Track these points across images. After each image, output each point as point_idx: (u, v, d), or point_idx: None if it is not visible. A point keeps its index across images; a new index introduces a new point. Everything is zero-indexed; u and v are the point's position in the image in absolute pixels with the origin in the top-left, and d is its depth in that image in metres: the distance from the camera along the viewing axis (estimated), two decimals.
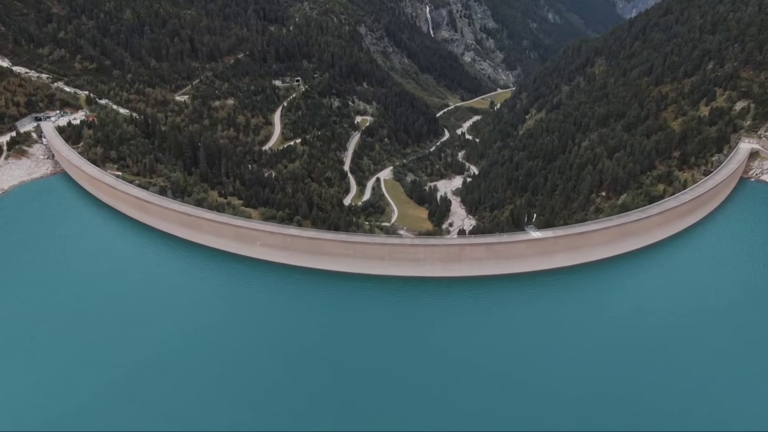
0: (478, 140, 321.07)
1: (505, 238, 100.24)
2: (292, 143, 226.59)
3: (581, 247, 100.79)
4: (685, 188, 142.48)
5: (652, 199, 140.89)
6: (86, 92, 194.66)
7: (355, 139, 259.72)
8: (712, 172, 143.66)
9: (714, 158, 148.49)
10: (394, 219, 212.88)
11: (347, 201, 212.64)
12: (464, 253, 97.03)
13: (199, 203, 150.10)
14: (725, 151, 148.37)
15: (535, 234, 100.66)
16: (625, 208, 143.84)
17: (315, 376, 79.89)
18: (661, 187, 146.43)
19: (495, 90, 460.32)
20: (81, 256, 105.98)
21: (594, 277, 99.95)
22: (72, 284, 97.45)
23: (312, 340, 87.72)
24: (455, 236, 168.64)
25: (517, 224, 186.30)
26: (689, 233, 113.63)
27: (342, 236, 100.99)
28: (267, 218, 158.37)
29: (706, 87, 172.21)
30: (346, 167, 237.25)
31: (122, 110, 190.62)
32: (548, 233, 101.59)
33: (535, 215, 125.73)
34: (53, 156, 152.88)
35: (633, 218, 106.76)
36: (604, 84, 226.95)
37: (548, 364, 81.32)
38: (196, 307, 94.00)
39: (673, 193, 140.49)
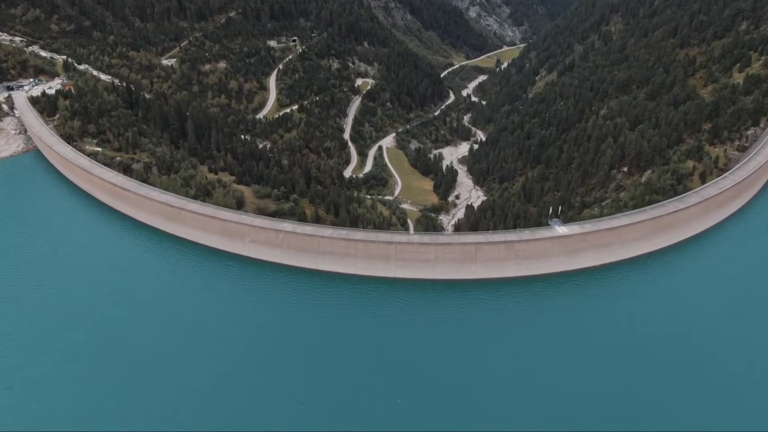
0: (484, 103, 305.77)
1: (527, 234, 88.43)
2: (288, 110, 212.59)
3: (611, 243, 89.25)
4: (716, 165, 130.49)
5: (680, 177, 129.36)
6: (64, 57, 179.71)
7: (356, 104, 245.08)
8: (747, 147, 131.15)
9: (749, 132, 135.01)
10: (397, 192, 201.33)
11: (348, 173, 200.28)
12: (481, 252, 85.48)
13: (186, 181, 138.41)
14: (762, 125, 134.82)
15: (561, 230, 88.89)
16: (650, 186, 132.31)
17: (311, 389, 70.32)
18: (690, 163, 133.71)
19: (501, 47, 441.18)
20: (48, 252, 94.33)
21: (626, 277, 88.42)
22: (35, 286, 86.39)
23: (307, 351, 77.08)
24: (465, 227, 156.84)
25: (529, 199, 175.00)
26: (730, 224, 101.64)
27: (342, 233, 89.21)
28: (261, 196, 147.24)
29: (740, 51, 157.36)
30: (346, 135, 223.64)
31: (103, 76, 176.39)
32: (575, 228, 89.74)
33: (560, 207, 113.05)
34: (26, 131, 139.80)
35: (670, 209, 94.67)
36: (623, 45, 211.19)
37: (579, 377, 71.25)
38: (174, 313, 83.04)
39: (704, 171, 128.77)
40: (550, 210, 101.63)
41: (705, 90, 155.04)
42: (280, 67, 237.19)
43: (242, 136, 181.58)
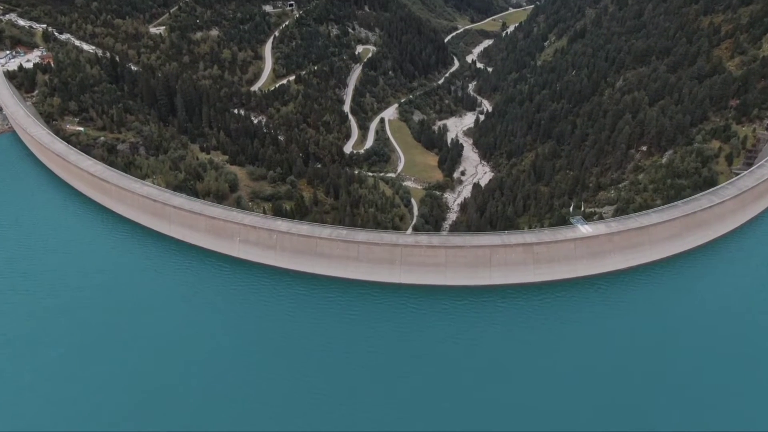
0: (490, 70, 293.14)
1: (547, 235, 79.83)
2: (284, 81, 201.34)
3: (640, 244, 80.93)
4: (744, 146, 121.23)
5: (705, 159, 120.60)
6: (43, 26, 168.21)
7: (356, 73, 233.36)
8: None
9: None
10: (400, 168, 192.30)
11: (348, 148, 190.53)
12: (496, 256, 77.30)
13: (175, 163, 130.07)
14: None
15: (585, 229, 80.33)
16: (672, 169, 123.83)
17: (308, 404, 63.64)
18: (715, 144, 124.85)
19: (507, 9, 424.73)
20: (19, 251, 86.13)
21: (657, 281, 79.62)
22: (8, 290, 78.63)
23: (304, 363, 69.68)
24: (472, 207, 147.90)
25: (539, 177, 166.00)
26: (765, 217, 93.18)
27: (342, 233, 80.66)
28: (256, 178, 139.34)
29: None
30: (347, 107, 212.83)
31: (86, 47, 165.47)
32: (600, 228, 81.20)
33: (583, 204, 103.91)
34: (2, 110, 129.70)
35: (704, 205, 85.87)
36: (641, 11, 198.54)
37: (606, 393, 64.44)
38: (157, 321, 74.98)
39: (730, 153, 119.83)
40: (572, 207, 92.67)
41: (732, 62, 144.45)
42: (276, 34, 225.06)
43: (236, 111, 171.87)
